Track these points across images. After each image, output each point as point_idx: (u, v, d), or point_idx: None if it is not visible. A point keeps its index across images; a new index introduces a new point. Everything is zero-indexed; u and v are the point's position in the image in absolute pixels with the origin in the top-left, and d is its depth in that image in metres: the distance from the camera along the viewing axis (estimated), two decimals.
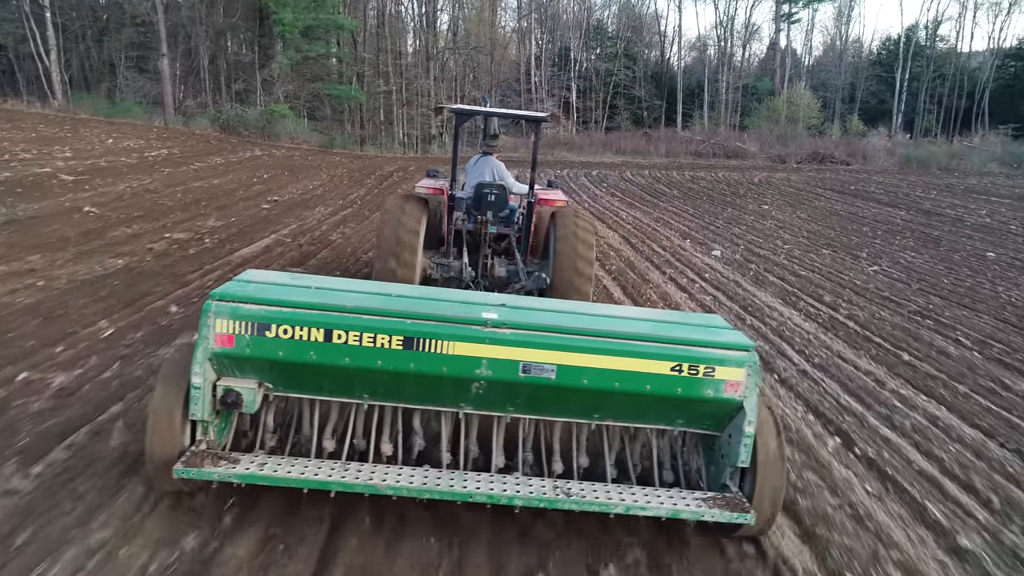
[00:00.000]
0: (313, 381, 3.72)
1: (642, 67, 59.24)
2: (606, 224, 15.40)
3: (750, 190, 25.05)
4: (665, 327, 3.98)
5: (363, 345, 3.50)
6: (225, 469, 3.44)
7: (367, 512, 3.81)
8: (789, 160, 41.22)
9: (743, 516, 3.56)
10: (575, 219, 6.76)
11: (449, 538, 3.67)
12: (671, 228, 15.53)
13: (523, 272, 7.06)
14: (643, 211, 18.20)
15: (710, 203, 20.70)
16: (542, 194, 7.62)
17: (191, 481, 3.52)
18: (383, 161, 27.56)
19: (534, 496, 3.52)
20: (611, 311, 4.46)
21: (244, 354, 3.51)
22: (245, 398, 3.59)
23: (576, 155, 40.45)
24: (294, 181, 17.95)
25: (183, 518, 3.62)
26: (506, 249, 7.65)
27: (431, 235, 7.22)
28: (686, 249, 13.00)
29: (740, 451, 3.67)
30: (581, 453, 4.06)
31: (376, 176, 21.14)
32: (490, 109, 7.40)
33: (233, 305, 3.51)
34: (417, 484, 3.50)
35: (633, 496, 3.63)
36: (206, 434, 3.63)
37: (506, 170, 7.94)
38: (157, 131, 26.44)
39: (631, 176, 28.51)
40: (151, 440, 3.51)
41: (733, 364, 3.66)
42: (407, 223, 6.41)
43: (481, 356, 3.55)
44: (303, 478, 3.45)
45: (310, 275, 5.69)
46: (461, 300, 4.08)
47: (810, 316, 8.98)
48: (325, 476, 3.48)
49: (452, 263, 7.16)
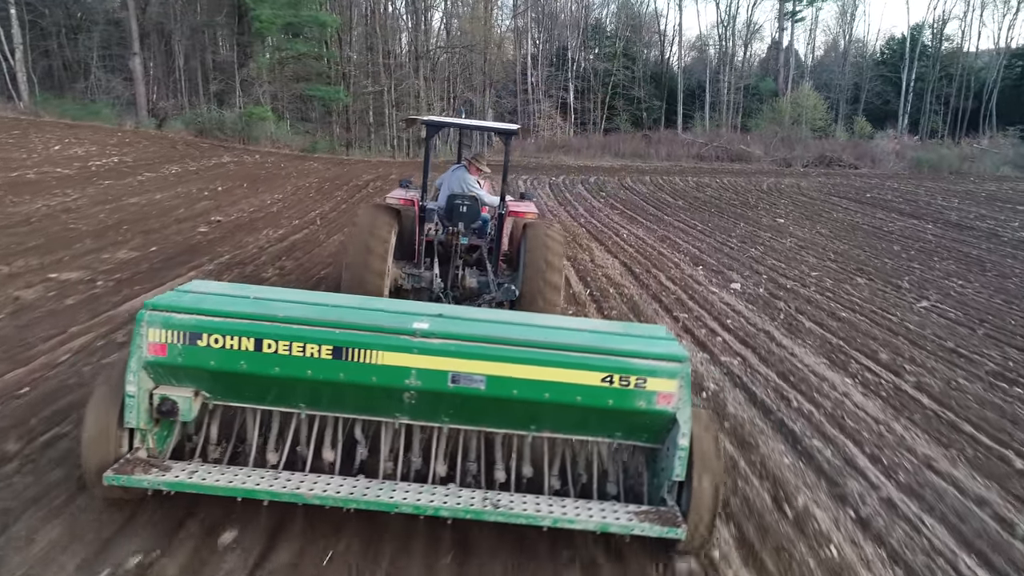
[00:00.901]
0: (249, 390, 3.74)
1: (641, 67, 56.94)
2: (605, 247, 13.18)
3: (760, 199, 22.82)
4: (599, 338, 3.92)
5: (292, 355, 3.52)
6: (155, 477, 3.45)
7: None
8: (795, 163, 39.01)
9: (673, 531, 3.50)
10: (545, 232, 6.69)
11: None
12: (679, 250, 13.31)
13: (494, 284, 6.99)
14: (646, 227, 15.98)
15: (720, 216, 18.46)
16: (513, 206, 7.42)
17: (130, 489, 3.52)
18: (365, 168, 25.33)
19: (461, 507, 3.49)
20: (550, 321, 4.43)
21: (177, 363, 3.54)
22: (181, 407, 3.61)
23: (574, 159, 38.21)
24: (252, 194, 15.74)
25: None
26: (478, 260, 7.53)
27: (403, 246, 7.20)
28: (699, 281, 10.77)
29: (675, 464, 3.60)
30: (524, 464, 4.00)
31: (350, 187, 18.91)
32: (461, 121, 7.55)
33: (166, 315, 3.53)
34: (344, 494, 3.49)
35: (563, 509, 3.59)
36: (144, 442, 3.65)
37: (477, 182, 7.60)
38: (121, 136, 24.20)
39: (631, 183, 26.28)
40: (86, 447, 3.51)
41: (665, 376, 3.61)
42: (377, 233, 6.37)
43: (410, 366, 3.55)
44: (231, 486, 3.45)
45: (256, 286, 5.56)
46: (395, 310, 4.07)
47: (870, 389, 6.76)
48: (253, 485, 3.47)
49: (423, 274, 7.04)
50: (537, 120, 48.82)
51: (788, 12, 56.18)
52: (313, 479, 3.61)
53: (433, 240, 7.28)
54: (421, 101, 35.02)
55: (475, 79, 41.64)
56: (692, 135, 44.71)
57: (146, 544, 3.51)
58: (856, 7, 68.33)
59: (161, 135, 27.42)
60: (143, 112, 30.48)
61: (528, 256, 6.54)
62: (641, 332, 4.44)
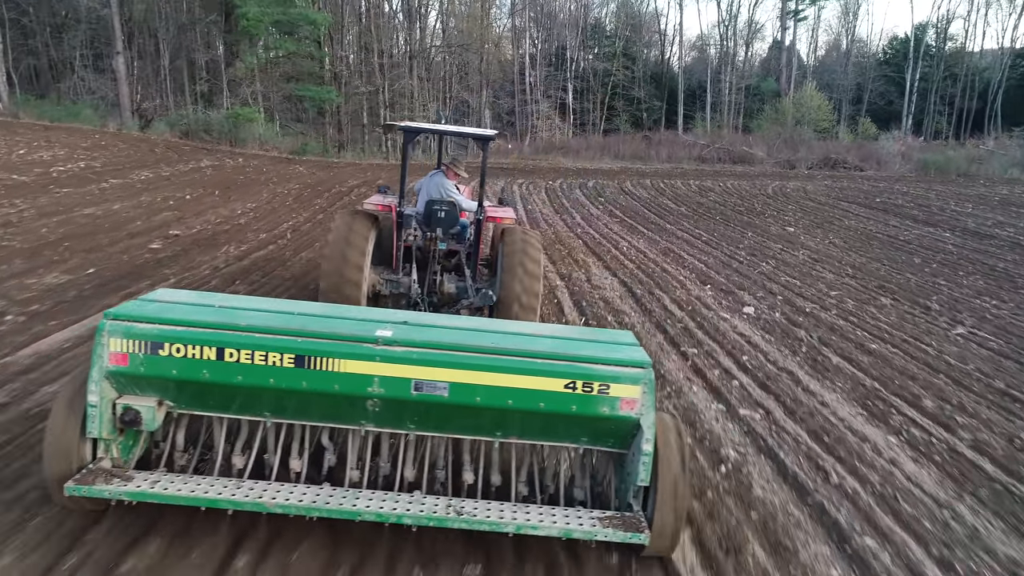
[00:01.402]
0: (212, 399, 3.71)
1: (641, 67, 55.72)
2: (603, 262, 11.96)
3: (767, 205, 21.59)
4: (562, 344, 3.93)
5: (255, 363, 3.49)
6: (117, 487, 3.38)
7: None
8: (799, 166, 37.79)
9: (637, 536, 3.46)
10: (523, 237, 6.64)
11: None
12: (684, 265, 12.09)
13: (472, 289, 6.93)
14: (648, 238, 14.76)
15: (726, 224, 17.24)
16: (491, 211, 7.31)
17: (93, 499, 3.44)
18: (353, 171, 24.11)
19: (424, 515, 3.46)
20: (515, 328, 4.40)
21: (139, 372, 3.51)
22: (144, 416, 3.55)
23: (572, 160, 36.98)
24: (222, 203, 14.52)
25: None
26: (456, 266, 7.38)
27: (382, 252, 7.12)
28: (708, 304, 9.56)
29: (640, 469, 3.54)
30: (493, 471, 3.99)
31: (332, 194, 17.69)
32: (437, 127, 7.54)
33: (127, 324, 3.49)
34: (307, 503, 3.45)
35: (527, 515, 3.54)
36: (108, 452, 3.58)
37: (455, 187, 7.47)
38: (98, 138, 22.98)
39: (631, 187, 25.05)
40: (47, 457, 3.44)
41: (628, 381, 3.57)
42: (354, 240, 6.32)
43: (372, 374, 3.52)
44: (193, 496, 3.41)
45: (221, 294, 5.48)
46: (360, 318, 4.04)
47: (921, 452, 5.54)
48: (216, 494, 3.43)
49: (401, 279, 6.96)
50: (535, 121, 47.59)
51: (791, 11, 54.91)
52: (276, 488, 3.57)
53: (412, 246, 7.15)
54: (415, 101, 33.80)
55: (471, 79, 40.39)
56: (693, 136, 43.47)
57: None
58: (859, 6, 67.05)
59: (144, 137, 26.20)
60: (127, 113, 29.25)
61: (506, 261, 6.47)
62: (606, 338, 4.35)
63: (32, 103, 28.20)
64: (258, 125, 28.97)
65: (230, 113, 28.28)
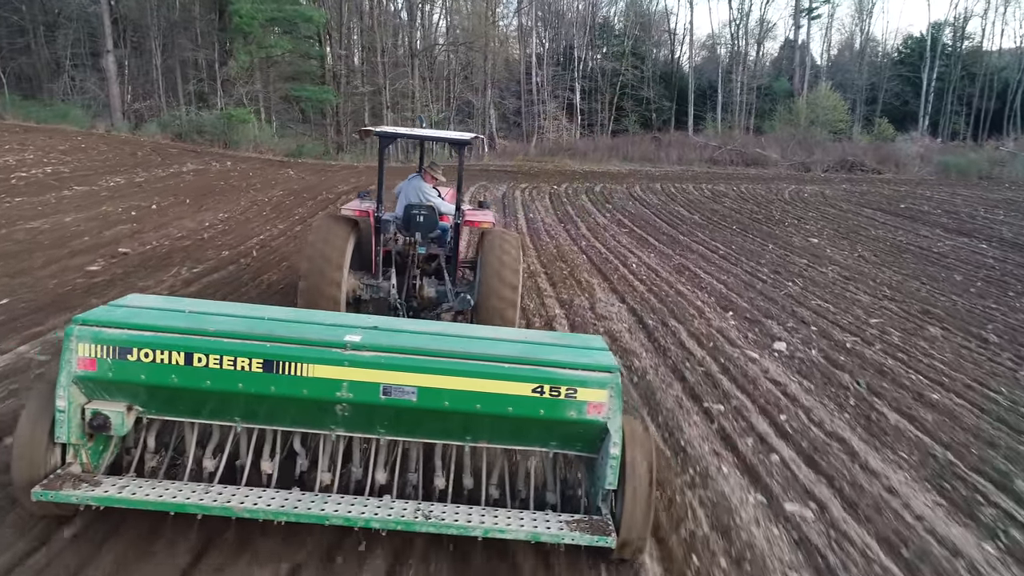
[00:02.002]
0: (182, 404, 3.68)
1: (651, 67, 54.13)
2: (609, 283, 10.51)
3: (785, 211, 20.07)
4: (531, 348, 3.88)
5: (223, 368, 3.47)
6: (84, 492, 3.35)
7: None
8: (814, 168, 36.19)
9: (604, 539, 3.43)
10: (501, 241, 6.54)
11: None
12: (702, 286, 10.63)
13: (451, 293, 6.88)
14: (660, 252, 13.29)
15: (744, 234, 15.75)
16: (470, 215, 7.23)
17: (61, 504, 3.41)
18: (348, 175, 22.73)
19: (391, 519, 3.42)
20: (484, 333, 4.48)
21: (107, 377, 3.48)
22: (113, 421, 3.52)
23: (579, 163, 35.50)
24: (191, 213, 13.16)
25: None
26: (436, 270, 7.23)
27: (362, 256, 7.05)
28: (732, 339, 8.10)
29: (607, 473, 3.53)
30: (465, 475, 3.94)
31: (318, 201, 16.30)
32: (413, 131, 7.55)
33: (95, 329, 3.46)
34: (275, 507, 3.42)
35: (495, 519, 3.53)
36: (77, 457, 3.54)
37: (434, 191, 7.32)
38: (80, 140, 21.71)
39: (641, 192, 23.56)
40: (15, 462, 3.39)
41: (595, 386, 3.55)
42: (333, 244, 6.29)
43: (341, 379, 3.49)
44: (161, 500, 3.38)
45: (192, 299, 5.61)
46: (329, 323, 4.04)
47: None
48: (184, 499, 3.41)
49: (381, 284, 6.84)
50: (542, 122, 46.12)
51: (804, 9, 53.17)
52: (245, 492, 3.54)
53: (391, 251, 7.00)
54: (416, 102, 32.40)
55: (476, 79, 38.95)
56: (704, 137, 41.89)
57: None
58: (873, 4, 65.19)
59: (131, 139, 24.91)
60: (117, 114, 27.98)
61: (483, 267, 6.40)
62: (575, 343, 4.36)
63: (18, 104, 26.93)
64: (252, 127, 27.63)
65: (223, 114, 26.95)
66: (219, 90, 28.78)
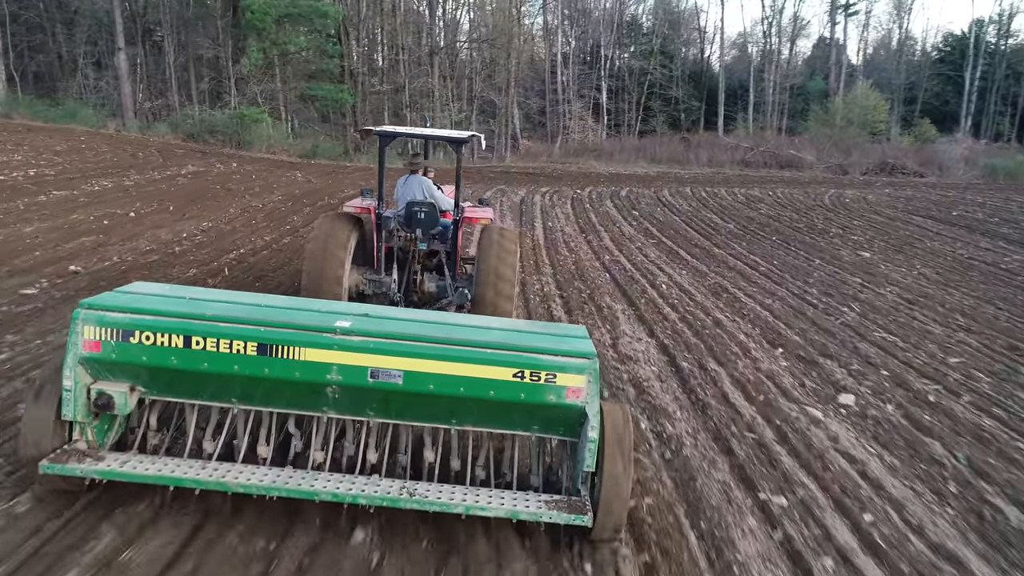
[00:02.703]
0: (181, 385, 3.80)
1: (679, 66, 52.20)
2: (636, 309, 8.93)
3: (828, 219, 18.30)
4: (512, 335, 4.00)
5: (220, 351, 3.58)
6: (88, 466, 3.51)
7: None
8: (852, 171, 34.19)
9: (580, 518, 3.54)
10: (499, 236, 6.61)
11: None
12: (743, 313, 9.04)
13: (451, 288, 6.96)
14: (692, 268, 11.69)
15: (786, 246, 14.07)
16: (469, 212, 7.29)
17: (68, 478, 3.56)
18: (360, 177, 21.36)
19: (378, 496, 3.53)
20: (470, 321, 4.76)
21: (111, 359, 3.60)
22: (117, 401, 3.65)
23: (605, 164, 33.86)
24: (172, 221, 11.81)
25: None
26: (437, 265, 7.26)
27: (366, 252, 7.11)
28: (787, 389, 6.51)
29: (586, 456, 3.61)
30: (452, 457, 4.04)
31: (317, 207, 14.87)
32: (412, 130, 7.91)
33: (100, 313, 3.59)
34: (267, 482, 3.55)
35: (476, 497, 3.62)
36: (83, 434, 3.68)
37: (435, 187, 7.36)
38: (83, 140, 20.64)
39: (670, 197, 21.89)
40: (24, 438, 3.56)
41: (574, 371, 3.63)
42: (335, 239, 6.40)
43: (331, 362, 3.60)
44: (160, 475, 3.53)
45: (194, 287, 6.08)
46: (322, 310, 4.20)
47: None
48: (182, 474, 3.54)
49: (383, 279, 6.94)
50: (567, 122, 44.50)
51: (840, 5, 50.86)
52: (240, 469, 3.67)
53: (393, 247, 7.02)
54: (436, 101, 30.98)
55: (499, 77, 37.42)
56: (735, 138, 39.96)
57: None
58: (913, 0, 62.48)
59: (140, 139, 23.84)
60: (129, 114, 26.95)
61: (481, 262, 6.48)
62: (556, 331, 4.49)
63: (27, 103, 25.99)
64: (267, 126, 26.42)
65: (235, 113, 25.75)
66: (232, 89, 27.59)
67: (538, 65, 48.17)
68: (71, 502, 3.71)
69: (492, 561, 3.66)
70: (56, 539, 3.46)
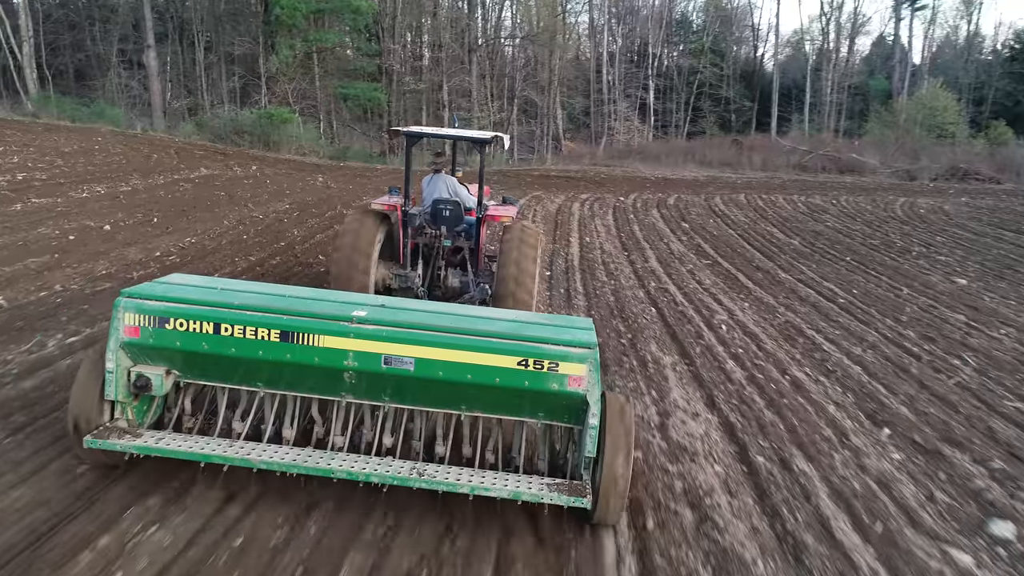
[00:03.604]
0: (212, 369, 4.01)
1: (731, 64, 49.53)
2: (687, 361, 6.93)
3: (905, 234, 15.93)
4: (518, 326, 4.10)
5: (246, 337, 3.79)
6: (127, 442, 3.75)
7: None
8: (920, 176, 31.35)
9: (580, 500, 3.66)
10: (520, 233, 6.65)
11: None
12: (828, 369, 6.96)
13: (473, 283, 7.10)
14: (756, 299, 9.62)
15: (863, 269, 11.86)
16: (493, 210, 7.30)
17: (109, 452, 3.81)
18: (387, 181, 19.68)
19: (389, 475, 3.71)
20: (480, 312, 4.62)
21: (148, 343, 3.82)
22: (154, 382, 3.88)
23: (652, 168, 31.67)
24: (155, 235, 10.19)
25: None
26: (461, 261, 7.40)
27: (393, 248, 7.25)
28: (912, 512, 4.46)
29: (587, 441, 3.75)
30: (464, 443, 4.19)
31: (327, 217, 13.12)
32: (438, 131, 7.86)
33: (139, 301, 3.83)
34: (288, 460, 3.75)
35: (481, 479, 3.77)
36: (124, 413, 3.94)
37: (460, 186, 7.42)
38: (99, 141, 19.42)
39: (723, 205, 19.71)
40: (71, 415, 3.81)
41: (575, 360, 3.74)
42: (364, 235, 6.54)
43: (348, 349, 3.77)
44: (192, 451, 3.75)
45: (226, 279, 5.87)
46: (340, 300, 4.34)
47: None
48: (211, 451, 3.76)
49: (408, 274, 7.09)
50: (612, 122, 42.33)
51: (906, 0, 47.46)
52: (263, 448, 3.89)
53: (418, 243, 7.12)
54: (473, 100, 29.21)
55: (540, 75, 35.46)
56: (792, 141, 37.27)
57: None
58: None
59: (164, 140, 22.60)
60: (158, 113, 25.80)
61: (502, 256, 6.52)
62: (560, 322, 4.76)
63: (57, 102, 25.02)
64: (297, 126, 24.98)
65: (262, 113, 24.35)
66: (263, 88, 26.21)
67: (583, 63, 46.11)
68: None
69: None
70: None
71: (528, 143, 36.48)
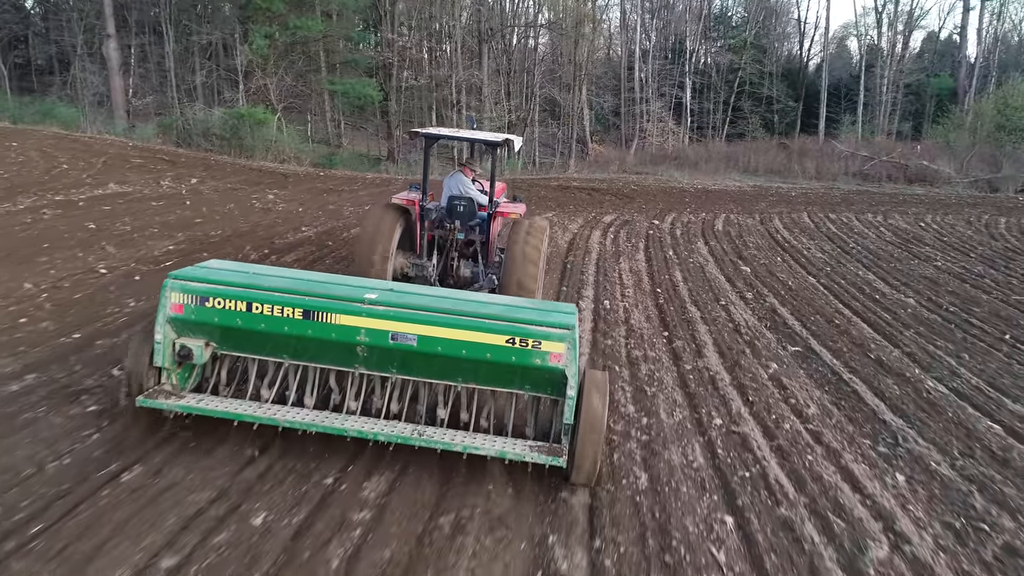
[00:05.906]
0: (244, 342, 4.47)
1: (774, 61, 44.40)
2: None
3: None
4: (508, 309, 4.47)
5: (274, 315, 4.26)
6: (173, 402, 4.26)
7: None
8: (1004, 187, 26.21)
9: (556, 460, 4.09)
10: (527, 230, 6.92)
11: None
12: None
13: (482, 274, 7.53)
14: (910, 454, 5.08)
15: (1019, 351, 7.27)
16: (504, 207, 7.75)
17: (155, 410, 4.35)
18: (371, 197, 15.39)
19: (394, 434, 4.19)
20: (477, 297, 4.96)
21: (191, 319, 4.32)
22: (194, 352, 4.37)
23: (689, 176, 26.95)
24: (11, 278, 6.15)
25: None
26: (473, 253, 7.79)
27: (412, 240, 7.64)
28: None
29: (565, 410, 4.19)
30: (462, 410, 4.55)
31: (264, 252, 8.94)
32: (454, 133, 8.12)
33: (183, 282, 4.33)
34: (307, 420, 4.25)
35: (473, 440, 4.23)
36: (169, 379, 4.43)
37: (471, 185, 7.84)
38: (30, 145, 15.45)
39: (786, 232, 15.06)
40: (126, 378, 4.39)
41: (556, 339, 4.13)
42: (383, 226, 6.95)
43: (360, 326, 4.22)
44: (226, 411, 4.25)
45: (258, 265, 6.22)
46: (355, 284, 4.77)
47: None
48: (242, 411, 4.25)
49: (424, 263, 7.46)
50: (644, 123, 37.62)
51: None
52: (287, 410, 4.37)
53: (434, 236, 7.57)
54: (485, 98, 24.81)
55: (564, 70, 30.91)
56: (848, 145, 32.19)
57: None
58: None
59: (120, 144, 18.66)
60: (120, 111, 21.88)
61: (509, 249, 6.82)
62: (545, 306, 5.01)
63: None
64: (274, 128, 20.87)
65: (231, 113, 20.26)
66: (241, 84, 22.10)
67: (612, 60, 41.44)
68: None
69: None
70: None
71: (551, 145, 31.97)
